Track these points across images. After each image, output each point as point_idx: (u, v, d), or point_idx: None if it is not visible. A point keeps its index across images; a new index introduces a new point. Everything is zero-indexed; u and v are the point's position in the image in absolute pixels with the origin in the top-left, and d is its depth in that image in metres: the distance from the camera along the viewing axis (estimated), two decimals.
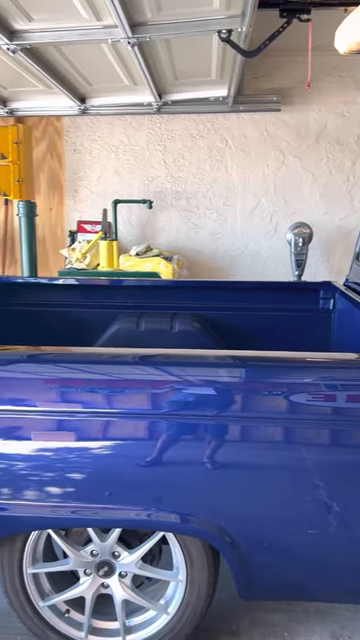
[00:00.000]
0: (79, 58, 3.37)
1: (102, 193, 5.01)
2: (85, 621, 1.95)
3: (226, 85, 4.17)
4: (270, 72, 4.68)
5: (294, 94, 4.72)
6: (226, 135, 4.83)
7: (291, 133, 4.79)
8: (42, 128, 5.05)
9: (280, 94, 4.66)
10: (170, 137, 4.87)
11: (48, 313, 3.57)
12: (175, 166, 4.91)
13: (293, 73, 4.64)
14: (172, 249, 5.00)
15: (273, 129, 4.79)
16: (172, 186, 4.94)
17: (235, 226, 4.96)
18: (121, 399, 1.71)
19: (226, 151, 4.86)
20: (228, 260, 4.99)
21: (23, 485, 1.75)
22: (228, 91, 4.21)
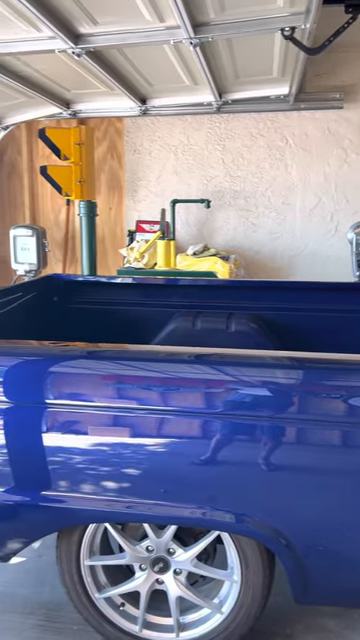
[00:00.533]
0: (141, 59, 3.41)
1: (161, 193, 5.06)
2: (140, 615, 1.98)
3: (287, 83, 4.12)
4: (333, 69, 4.59)
5: (358, 91, 4.61)
6: (286, 133, 4.78)
7: (354, 131, 4.68)
8: (104, 129, 5.14)
9: (343, 91, 4.57)
10: (229, 136, 4.86)
11: (107, 311, 3.64)
12: (234, 165, 4.89)
13: (357, 69, 4.54)
14: (229, 249, 4.99)
15: (335, 127, 4.70)
16: (230, 185, 4.93)
17: (294, 225, 4.90)
18: (178, 397, 1.72)
19: (286, 150, 4.80)
20: (287, 260, 4.94)
21: (80, 478, 1.79)
22: (289, 89, 4.15)
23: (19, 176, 5.38)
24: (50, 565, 2.49)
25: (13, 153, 5.34)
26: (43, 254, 4.88)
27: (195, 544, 1.91)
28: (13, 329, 3.14)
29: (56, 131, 4.42)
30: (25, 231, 4.80)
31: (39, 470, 1.81)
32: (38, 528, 1.91)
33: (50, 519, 1.88)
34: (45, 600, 2.31)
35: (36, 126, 5.20)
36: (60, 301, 3.66)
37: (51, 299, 3.65)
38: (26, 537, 1.93)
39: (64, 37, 2.75)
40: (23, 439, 1.82)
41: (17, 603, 2.29)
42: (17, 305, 3.29)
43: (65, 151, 4.43)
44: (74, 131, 4.41)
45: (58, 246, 5.40)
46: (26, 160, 5.33)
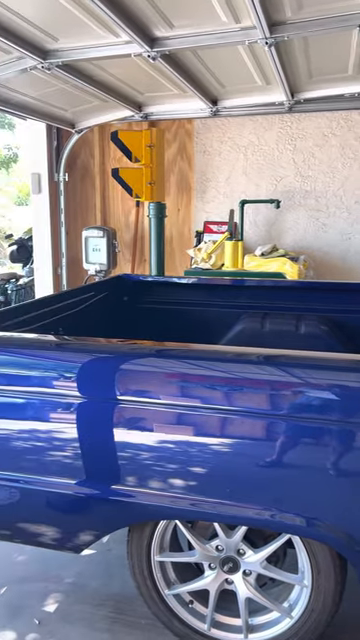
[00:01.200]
0: (214, 61, 3.42)
1: (229, 194, 5.05)
2: (208, 614, 1.99)
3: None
4: None
5: None
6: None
7: None
8: (174, 131, 5.19)
9: None
10: (301, 136, 4.79)
11: (175, 311, 3.67)
12: (305, 165, 4.82)
13: None
14: (298, 249, 4.93)
15: None
16: (301, 185, 4.86)
17: None
18: (248, 398, 1.72)
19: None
20: (359, 261, 4.81)
21: (149, 474, 1.81)
22: None
23: (91, 178, 5.51)
24: (119, 559, 2.56)
25: (86, 156, 5.48)
26: (113, 254, 4.98)
27: (265, 546, 1.90)
28: (86, 327, 3.22)
29: (128, 134, 4.50)
30: (96, 232, 4.91)
31: (109, 464, 1.85)
32: (108, 522, 1.95)
33: (120, 513, 1.91)
34: (114, 593, 2.36)
35: (108, 129, 5.31)
36: (130, 301, 3.72)
37: (121, 299, 3.72)
38: (97, 530, 1.98)
39: (140, 41, 2.80)
40: (95, 433, 1.86)
41: (88, 594, 2.35)
42: (89, 304, 3.38)
43: (136, 153, 4.50)
44: (145, 133, 4.47)
45: (127, 247, 5.50)
46: (98, 163, 5.45)
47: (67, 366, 1.88)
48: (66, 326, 3.03)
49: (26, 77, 3.41)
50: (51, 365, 1.90)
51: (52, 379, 1.87)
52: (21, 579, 2.45)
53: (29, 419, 1.90)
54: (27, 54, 2.97)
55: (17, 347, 1.97)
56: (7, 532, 2.12)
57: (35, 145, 5.15)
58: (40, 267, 5.38)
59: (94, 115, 4.71)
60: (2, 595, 2.35)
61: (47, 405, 1.87)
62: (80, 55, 3.02)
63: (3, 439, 1.93)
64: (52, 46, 3.00)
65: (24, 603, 2.30)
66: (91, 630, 2.16)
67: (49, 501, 1.95)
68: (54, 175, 5.22)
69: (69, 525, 2.02)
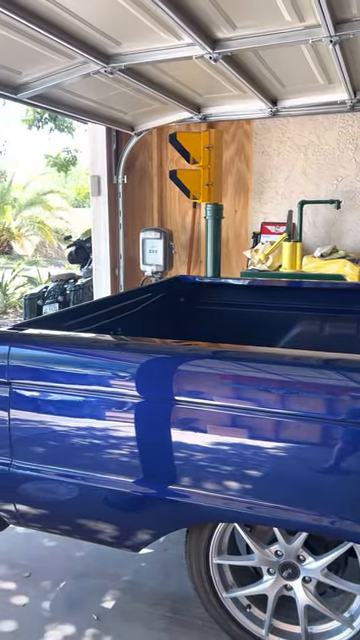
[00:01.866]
0: (275, 61, 3.39)
1: (288, 194, 4.99)
2: (266, 619, 1.97)
3: None
4: None
5: None
6: None
7: None
8: (232, 131, 5.17)
9: None
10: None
11: (231, 313, 3.66)
12: None
13: None
14: (358, 251, 4.81)
15: None
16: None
17: None
18: (309, 402, 1.69)
19: None
20: None
21: (206, 476, 1.80)
22: None
23: (149, 180, 5.57)
24: (175, 559, 2.57)
25: (144, 158, 5.54)
26: (170, 256, 5.01)
27: (327, 553, 1.87)
28: (143, 328, 3.25)
29: (186, 135, 4.51)
30: (154, 234, 4.96)
31: (166, 464, 1.86)
32: (166, 522, 1.96)
33: (177, 514, 1.91)
34: (171, 592, 2.37)
35: (166, 131, 5.35)
36: (186, 302, 3.74)
37: (178, 300, 3.73)
38: (154, 530, 1.99)
39: (202, 43, 2.81)
40: (152, 433, 1.87)
41: (144, 593, 2.37)
42: (147, 305, 3.41)
43: (194, 155, 4.50)
44: (204, 135, 4.47)
45: (183, 248, 5.52)
46: (156, 165, 5.50)
47: (126, 366, 1.90)
48: (124, 327, 3.07)
49: (88, 81, 3.48)
50: (110, 365, 1.93)
51: (111, 378, 1.90)
52: (80, 574, 2.50)
53: (89, 417, 1.93)
54: (91, 59, 3.02)
55: (78, 347, 2.01)
56: (67, 527, 2.17)
57: (95, 148, 5.24)
58: (98, 268, 5.48)
59: (153, 117, 4.76)
60: (62, 589, 2.40)
61: (105, 404, 1.89)
62: (142, 59, 3.06)
63: (64, 436, 1.97)
64: (115, 50, 3.04)
65: (83, 598, 2.34)
66: (148, 629, 2.17)
67: (108, 499, 1.97)
68: (113, 177, 5.30)
69: (127, 524, 2.04)
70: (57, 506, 2.08)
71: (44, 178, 18.02)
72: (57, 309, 6.52)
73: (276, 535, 1.91)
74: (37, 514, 2.14)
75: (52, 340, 2.06)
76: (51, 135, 16.94)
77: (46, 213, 16.34)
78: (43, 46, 2.90)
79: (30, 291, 7.31)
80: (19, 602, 2.32)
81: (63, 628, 2.18)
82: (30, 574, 2.49)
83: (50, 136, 19.40)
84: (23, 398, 2.01)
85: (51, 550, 2.68)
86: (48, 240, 16.36)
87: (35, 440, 2.02)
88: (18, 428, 2.02)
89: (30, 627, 2.18)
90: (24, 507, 2.11)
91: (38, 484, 2.04)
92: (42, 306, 6.61)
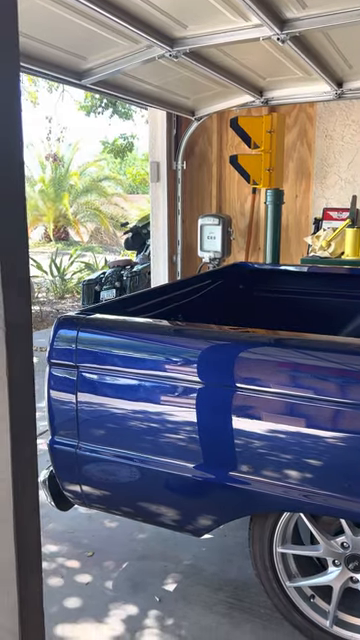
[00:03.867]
0: (344, 41, 3.28)
1: (352, 179, 4.85)
2: (331, 611, 1.94)
3: None
4: None
5: None
6: None
7: None
8: (294, 115, 5.06)
9: None
10: None
11: (292, 300, 3.60)
12: None
13: None
14: None
15: None
16: None
17: None
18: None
19: None
20: None
21: (267, 464, 1.79)
22: None
23: (208, 166, 5.52)
24: (234, 546, 2.57)
25: (204, 144, 5.50)
26: (228, 242, 4.97)
27: None
28: (203, 314, 3.25)
29: (248, 119, 4.45)
30: (212, 220, 4.92)
31: (226, 450, 1.85)
32: (228, 508, 1.96)
33: (239, 501, 1.91)
34: (231, 579, 2.38)
35: (226, 116, 5.29)
36: (245, 289, 3.70)
37: (237, 287, 3.70)
38: (216, 515, 1.99)
39: (271, 24, 2.75)
40: (212, 419, 1.87)
41: (205, 578, 2.39)
42: (207, 292, 3.39)
43: (256, 139, 4.44)
44: (266, 119, 4.40)
45: (241, 234, 5.46)
46: (216, 150, 5.45)
47: (188, 352, 1.90)
48: (185, 313, 3.07)
49: (151, 66, 3.47)
50: (173, 350, 1.93)
51: (174, 364, 1.90)
52: (141, 556, 2.53)
53: (152, 401, 1.94)
54: (156, 42, 3.01)
55: (143, 332, 2.03)
56: (129, 509, 2.20)
57: (154, 134, 5.24)
58: (156, 254, 5.50)
59: (214, 102, 4.71)
60: (124, 570, 2.44)
61: (167, 389, 1.90)
62: (208, 41, 3.02)
63: (128, 419, 2.00)
64: (180, 34, 3.02)
65: (145, 580, 2.38)
66: (210, 613, 2.19)
67: (168, 482, 1.98)
68: (172, 163, 5.29)
69: (188, 508, 2.05)
70: (120, 488, 2.11)
71: (100, 165, 18.20)
72: (114, 295, 6.60)
73: (343, 527, 1.88)
74: (101, 495, 2.18)
75: (118, 325, 2.08)
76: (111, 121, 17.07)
77: (101, 199, 16.51)
78: (109, 30, 2.90)
79: (88, 277, 7.43)
80: (83, 580, 2.38)
81: (126, 608, 2.22)
82: (93, 553, 2.55)
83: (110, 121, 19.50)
84: (89, 381, 2.04)
85: (113, 531, 2.73)
86: (104, 226, 16.55)
87: (100, 423, 2.05)
88: (84, 411, 2.06)
89: (94, 605, 2.23)
90: (89, 488, 2.15)
91: (103, 466, 2.08)
92: (99, 292, 6.70)
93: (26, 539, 0.92)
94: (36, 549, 0.95)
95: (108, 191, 16.87)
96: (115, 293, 6.58)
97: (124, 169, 19.90)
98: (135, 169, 19.26)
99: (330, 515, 1.89)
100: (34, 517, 0.94)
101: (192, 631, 2.10)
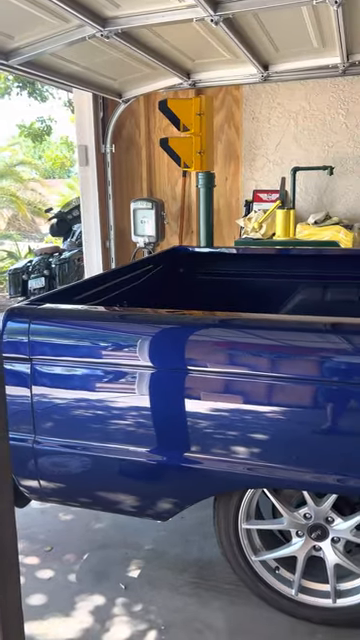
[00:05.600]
0: (274, 23, 3.32)
1: (279, 161, 4.96)
2: (296, 580, 2.02)
3: None
4: None
5: None
6: None
7: None
8: (221, 98, 5.09)
9: None
10: (354, 99, 4.65)
11: (231, 282, 3.65)
12: (358, 130, 4.70)
13: None
14: (351, 217, 4.83)
15: None
16: (354, 151, 4.74)
17: None
18: (315, 365, 1.73)
19: None
20: None
21: (225, 443, 1.83)
22: None
23: (137, 149, 5.46)
24: (193, 527, 2.61)
25: (131, 126, 5.42)
26: (161, 226, 4.96)
27: (356, 513, 1.91)
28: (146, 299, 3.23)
29: (178, 102, 4.43)
30: (145, 204, 4.89)
31: (185, 433, 1.87)
32: (189, 490, 1.97)
33: (200, 482, 1.93)
34: (194, 559, 2.41)
35: (153, 99, 5.24)
36: (186, 272, 3.72)
37: (177, 270, 3.71)
38: (178, 498, 2.00)
39: (205, 5, 2.73)
40: (164, 402, 1.90)
41: (168, 561, 2.41)
42: (149, 277, 3.38)
43: (185, 122, 4.42)
44: (195, 101, 4.39)
45: (174, 218, 5.46)
46: (144, 133, 5.39)
47: (138, 337, 1.89)
48: (129, 299, 3.05)
49: (78, 46, 3.37)
50: (125, 336, 1.92)
51: (126, 350, 1.89)
52: (101, 546, 2.52)
53: (107, 390, 1.92)
54: (87, 21, 2.92)
55: (99, 320, 2.00)
56: (89, 500, 2.17)
57: (81, 117, 5.10)
58: (88, 240, 5.39)
59: (142, 84, 4.65)
60: (85, 561, 2.42)
61: (120, 376, 1.90)
62: (141, 22, 2.97)
63: (84, 409, 1.97)
64: (112, 13, 2.95)
65: (108, 569, 2.37)
66: (177, 594, 2.21)
67: (127, 469, 1.98)
68: (101, 147, 5.18)
69: (149, 493, 2.05)
70: (81, 479, 2.08)
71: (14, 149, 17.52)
72: (43, 284, 6.42)
73: (305, 498, 1.95)
74: (61, 488, 2.14)
75: (73, 315, 2.04)
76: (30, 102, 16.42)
77: (17, 185, 15.92)
78: (38, 8, 2.79)
79: (13, 266, 7.18)
80: (44, 576, 2.33)
81: (92, 599, 2.20)
82: (52, 548, 2.50)
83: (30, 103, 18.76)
84: (44, 374, 1.99)
85: (69, 524, 2.69)
86: (21, 213, 15.99)
87: (57, 415, 2.01)
88: (40, 404, 2.00)
89: (59, 599, 2.20)
90: (47, 482, 2.11)
91: (61, 458, 2.04)
92: (27, 281, 6.50)
93: (3, 540, 0.90)
94: (13, 549, 0.93)
95: (24, 176, 16.30)
96: (44, 282, 6.41)
97: (38, 153, 19.29)
98: (54, 153, 18.72)
99: (292, 488, 1.96)
100: (9, 517, 0.91)
101: (161, 614, 2.12)
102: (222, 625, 2.07)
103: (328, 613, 2.01)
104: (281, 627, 2.04)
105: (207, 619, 2.09)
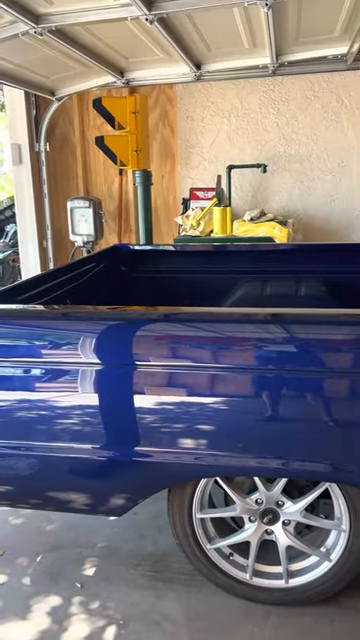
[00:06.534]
0: (206, 24, 3.38)
1: (214, 159, 5.04)
2: (250, 564, 2.08)
3: (347, 42, 4.04)
4: None
5: None
6: (342, 94, 4.70)
7: None
8: (154, 97, 5.12)
9: None
10: (284, 99, 4.80)
11: (174, 279, 3.70)
12: (288, 128, 4.85)
13: None
14: (284, 213, 4.98)
15: None
16: (285, 149, 4.89)
17: (351, 187, 4.85)
18: (258, 355, 1.78)
19: (342, 111, 4.73)
20: (344, 223, 4.91)
21: (176, 435, 1.86)
22: (350, 48, 4.07)
23: (71, 147, 5.41)
24: (146, 521, 2.63)
25: (65, 125, 5.36)
26: (100, 225, 4.94)
27: (306, 495, 2.00)
28: (89, 297, 3.23)
29: (112, 100, 4.42)
30: (82, 202, 4.85)
31: (132, 427, 1.89)
32: (142, 484, 2.00)
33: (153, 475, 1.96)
34: (148, 553, 2.43)
35: (87, 97, 5.21)
36: (128, 270, 3.73)
37: (119, 268, 3.72)
38: (131, 493, 2.02)
39: (139, 3, 2.74)
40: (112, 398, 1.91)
41: (123, 557, 2.42)
42: (92, 275, 3.37)
43: (120, 120, 4.43)
44: (130, 100, 4.40)
45: (111, 217, 5.45)
46: (78, 131, 5.34)
47: (78, 334, 1.89)
48: (73, 298, 3.04)
49: (10, 43, 3.30)
50: (62, 334, 1.91)
51: (67, 348, 1.89)
52: (54, 547, 2.50)
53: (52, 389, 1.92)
54: (20, 18, 2.87)
55: (32, 319, 1.99)
56: (40, 501, 2.16)
57: (13, 115, 5.00)
58: (24, 240, 5.29)
59: (75, 82, 4.60)
60: (39, 564, 2.39)
61: (66, 373, 1.90)
62: (75, 19, 2.94)
63: (29, 409, 1.95)
64: (46, 10, 2.91)
65: (62, 569, 2.35)
66: (133, 588, 2.23)
67: (76, 467, 1.99)
68: (35, 145, 5.10)
69: (102, 490, 2.06)
70: (27, 480, 2.06)
71: None
72: None
73: (256, 484, 2.01)
74: (7, 491, 2.11)
75: (21, 314, 2.02)
76: None
77: None
78: None
79: None
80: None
81: (48, 600, 2.19)
82: (3, 552, 2.46)
83: None
84: None
85: (19, 527, 2.65)
86: None
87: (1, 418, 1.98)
88: None
89: (15, 603, 2.17)
90: None
91: (8, 461, 2.01)
92: None
93: None
94: None
95: None
96: None
97: None
98: None
99: (243, 474, 2.02)
100: None
101: (119, 609, 2.13)
102: (179, 614, 2.10)
103: (281, 594, 2.09)
104: (237, 611, 2.10)
105: (164, 610, 2.12)
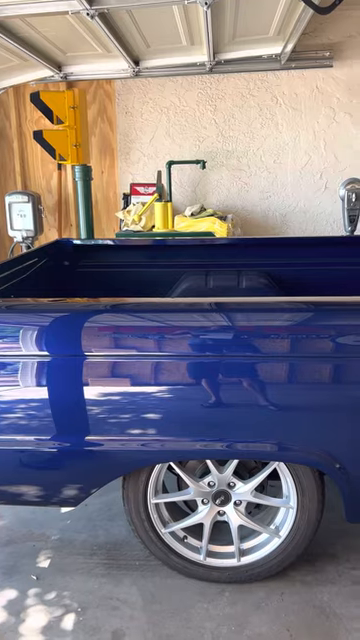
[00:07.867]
0: (145, 20, 3.42)
1: (154, 155, 5.09)
2: (204, 545, 2.15)
3: (281, 42, 4.19)
4: (320, 27, 4.66)
5: (344, 49, 4.71)
6: (276, 93, 4.85)
7: (342, 89, 4.79)
8: (92, 92, 5.10)
9: (331, 50, 4.66)
10: (220, 97, 4.90)
11: (117, 273, 3.73)
12: (226, 125, 4.96)
13: (344, 27, 4.63)
14: (223, 209, 5.09)
15: (323, 85, 4.80)
16: (223, 146, 5.00)
17: (286, 184, 5.02)
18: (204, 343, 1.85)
19: (276, 109, 4.89)
20: (280, 218, 5.07)
21: (129, 423, 1.91)
22: (283, 48, 4.23)
23: (9, 142, 5.31)
24: (97, 512, 2.66)
25: (1, 119, 5.26)
26: (39, 220, 4.88)
27: (256, 476, 2.09)
28: (34, 292, 3.21)
29: (51, 94, 4.38)
30: (21, 197, 4.78)
31: (82, 417, 1.92)
32: (98, 473, 2.03)
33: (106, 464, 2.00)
34: (102, 542, 2.46)
35: (23, 91, 5.13)
36: (71, 265, 3.73)
37: (62, 263, 3.71)
38: (85, 482, 2.05)
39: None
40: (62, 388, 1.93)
41: (77, 547, 2.44)
42: (34, 270, 3.35)
43: (59, 114, 4.39)
44: (68, 94, 4.37)
45: (51, 212, 5.40)
46: (15, 125, 5.25)
47: (22, 327, 1.90)
48: (16, 293, 3.01)
49: None
50: (10, 327, 1.91)
51: (10, 340, 1.90)
52: (7, 542, 2.48)
53: None
54: None
55: None
56: None
57: None
58: None
59: (11, 75, 4.53)
60: None
61: (15, 366, 1.91)
62: (14, 11, 2.90)
63: None
64: None
65: (17, 563, 2.35)
66: (89, 577, 2.26)
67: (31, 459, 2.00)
68: None
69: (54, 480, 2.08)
70: None
71: None
72: None
73: (209, 467, 2.09)
74: None
75: None
76: None
77: None
78: None
79: None
80: None
81: (4, 594, 2.18)
82: None
83: None
84: None
85: None
86: None
87: None
88: None
89: None
90: None
91: None
92: None
93: None
94: None
95: None
96: None
97: None
98: None
99: (194, 458, 2.08)
100: None
101: (76, 598, 2.16)
102: (136, 598, 2.15)
103: (234, 572, 2.17)
104: (192, 591, 2.17)
105: (121, 595, 2.16)
